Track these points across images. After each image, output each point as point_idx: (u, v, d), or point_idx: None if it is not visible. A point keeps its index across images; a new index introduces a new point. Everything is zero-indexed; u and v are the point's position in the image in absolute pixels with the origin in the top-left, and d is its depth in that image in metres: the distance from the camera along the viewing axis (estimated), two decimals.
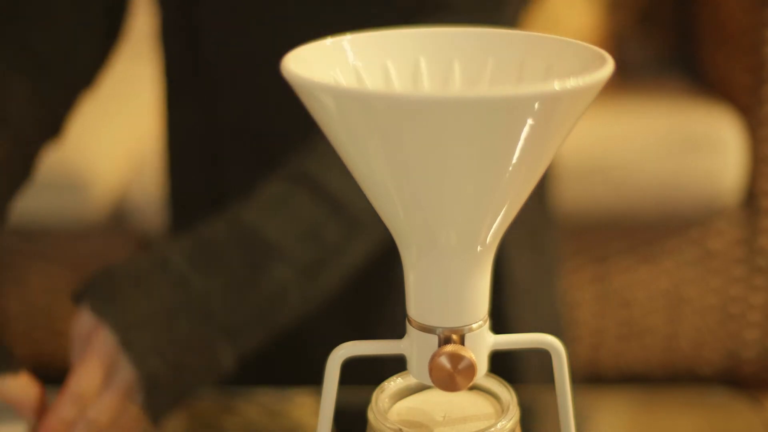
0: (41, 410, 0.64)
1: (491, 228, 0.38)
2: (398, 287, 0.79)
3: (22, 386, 0.64)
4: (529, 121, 0.33)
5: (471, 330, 0.40)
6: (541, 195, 0.98)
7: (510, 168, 0.35)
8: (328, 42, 0.40)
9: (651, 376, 1.77)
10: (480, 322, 0.40)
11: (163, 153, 0.97)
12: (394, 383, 0.44)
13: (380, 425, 0.41)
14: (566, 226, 1.65)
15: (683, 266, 1.71)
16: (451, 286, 0.39)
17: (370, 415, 0.42)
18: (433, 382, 0.40)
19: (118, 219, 1.65)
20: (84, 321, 0.66)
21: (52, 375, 1.87)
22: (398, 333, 0.42)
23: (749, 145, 1.63)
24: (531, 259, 0.96)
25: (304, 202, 0.70)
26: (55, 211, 1.60)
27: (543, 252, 0.99)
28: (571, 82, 0.33)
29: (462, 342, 0.39)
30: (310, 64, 0.38)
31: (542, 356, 0.43)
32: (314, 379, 0.84)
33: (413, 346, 0.40)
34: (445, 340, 0.39)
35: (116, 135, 1.66)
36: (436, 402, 0.43)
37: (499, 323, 0.43)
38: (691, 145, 1.62)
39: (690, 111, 1.68)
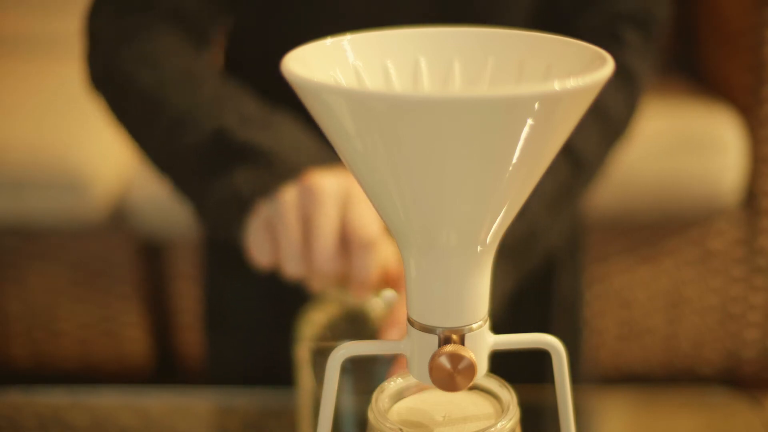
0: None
1: (491, 228, 0.38)
2: None
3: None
4: (529, 121, 0.33)
5: (471, 330, 0.40)
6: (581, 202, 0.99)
7: (510, 168, 0.35)
8: (328, 42, 0.40)
9: (651, 376, 1.77)
10: (480, 322, 0.40)
11: None
12: (394, 383, 0.44)
13: (380, 425, 0.41)
14: None
15: (683, 266, 1.71)
16: (451, 286, 0.39)
17: (370, 415, 0.42)
18: (433, 382, 0.40)
19: (118, 219, 1.65)
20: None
21: (52, 375, 1.87)
22: None
23: (749, 145, 1.63)
24: (572, 267, 0.98)
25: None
26: (55, 211, 1.60)
27: (580, 259, 1.00)
28: (571, 82, 0.33)
29: (462, 342, 0.39)
30: (310, 64, 0.38)
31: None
32: None
33: (413, 346, 0.40)
34: (445, 340, 0.39)
35: (116, 135, 1.66)
36: (436, 402, 0.43)
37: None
38: (691, 145, 1.62)
39: (690, 111, 1.68)
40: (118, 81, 0.82)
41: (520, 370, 0.60)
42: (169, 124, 0.78)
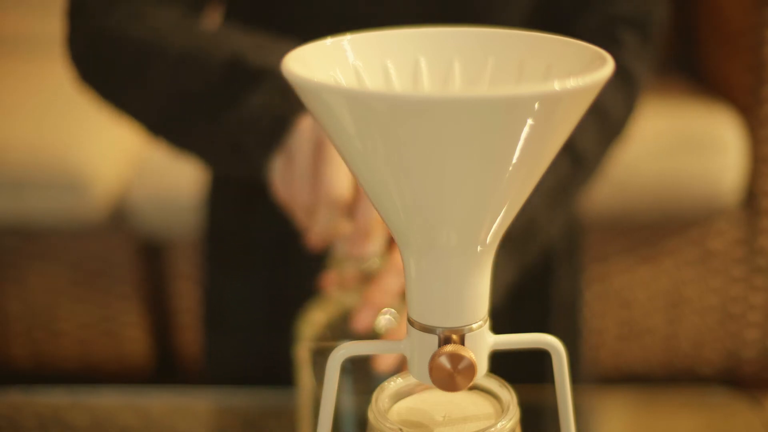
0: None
1: (491, 228, 0.38)
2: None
3: None
4: (529, 121, 0.33)
5: (471, 330, 0.40)
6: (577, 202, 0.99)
7: (510, 168, 0.35)
8: (328, 42, 0.40)
9: (651, 376, 1.77)
10: (480, 322, 0.40)
11: None
12: (394, 383, 0.44)
13: (380, 425, 0.41)
14: None
15: (683, 266, 1.71)
16: (451, 286, 0.39)
17: (370, 415, 0.42)
18: (433, 382, 0.40)
19: (118, 219, 1.65)
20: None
21: (52, 375, 1.87)
22: None
23: (749, 145, 1.63)
24: (570, 267, 0.98)
25: None
26: (55, 211, 1.60)
27: (578, 259, 1.00)
28: (571, 82, 0.33)
29: (462, 342, 0.39)
30: (310, 64, 0.38)
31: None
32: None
33: (413, 346, 0.40)
34: (445, 340, 0.39)
35: (116, 135, 1.66)
36: (436, 402, 0.43)
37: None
38: (691, 145, 1.62)
39: (690, 111, 1.68)
40: (109, 37, 0.78)
41: (520, 370, 0.60)
42: (173, 63, 0.75)
